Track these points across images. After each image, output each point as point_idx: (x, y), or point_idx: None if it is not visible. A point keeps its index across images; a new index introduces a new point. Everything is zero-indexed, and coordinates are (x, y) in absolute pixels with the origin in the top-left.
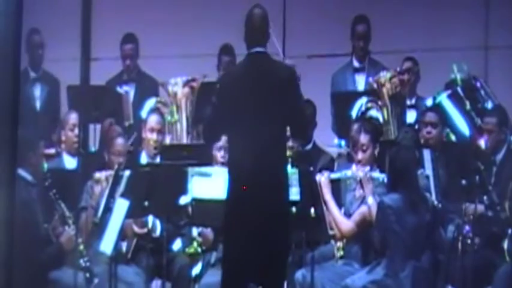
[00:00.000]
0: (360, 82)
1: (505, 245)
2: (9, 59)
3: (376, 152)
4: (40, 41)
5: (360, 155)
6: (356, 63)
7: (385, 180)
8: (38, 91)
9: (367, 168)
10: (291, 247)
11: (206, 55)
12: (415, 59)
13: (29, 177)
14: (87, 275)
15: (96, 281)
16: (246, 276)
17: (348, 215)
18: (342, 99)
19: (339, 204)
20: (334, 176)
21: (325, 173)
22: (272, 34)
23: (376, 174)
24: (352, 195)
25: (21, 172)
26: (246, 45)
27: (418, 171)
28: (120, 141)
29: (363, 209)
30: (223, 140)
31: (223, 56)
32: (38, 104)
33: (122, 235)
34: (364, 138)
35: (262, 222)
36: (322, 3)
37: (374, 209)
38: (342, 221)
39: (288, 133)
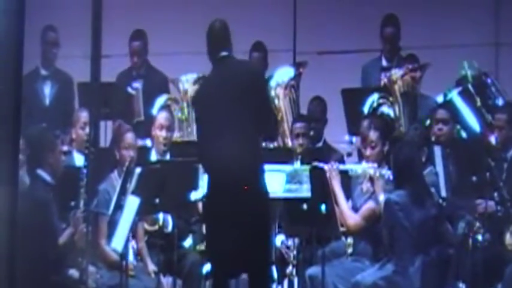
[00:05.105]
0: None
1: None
2: (12, 58)
3: (385, 149)
4: (55, 39)
5: (368, 151)
6: (384, 62)
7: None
8: (48, 89)
9: (376, 164)
10: (271, 233)
11: None
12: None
13: (47, 177)
14: (98, 275)
15: (103, 279)
16: (232, 266)
17: (355, 209)
18: (353, 96)
19: (347, 197)
20: (343, 167)
21: (335, 165)
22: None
23: (385, 171)
24: (359, 189)
25: (41, 172)
26: (210, 55)
27: (422, 166)
28: (129, 135)
29: (370, 204)
30: None
31: (254, 53)
32: (47, 102)
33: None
34: (373, 135)
35: (239, 213)
36: None
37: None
38: (349, 216)
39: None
